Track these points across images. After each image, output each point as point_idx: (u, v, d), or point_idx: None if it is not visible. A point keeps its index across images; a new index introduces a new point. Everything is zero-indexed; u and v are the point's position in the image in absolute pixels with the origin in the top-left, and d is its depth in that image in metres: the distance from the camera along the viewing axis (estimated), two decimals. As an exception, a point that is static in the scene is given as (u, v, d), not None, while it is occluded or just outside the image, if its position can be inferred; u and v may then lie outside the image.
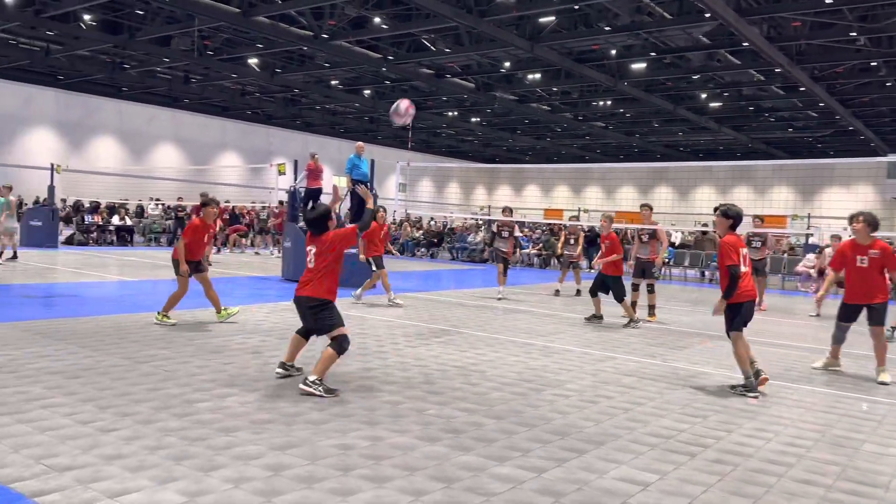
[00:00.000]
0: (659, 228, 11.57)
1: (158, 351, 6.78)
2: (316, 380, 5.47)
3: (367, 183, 14.37)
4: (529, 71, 25.77)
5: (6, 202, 15.36)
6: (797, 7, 17.07)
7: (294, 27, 21.09)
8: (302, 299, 5.72)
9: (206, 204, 8.94)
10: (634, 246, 11.69)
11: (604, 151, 46.20)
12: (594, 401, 5.75)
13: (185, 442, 4.23)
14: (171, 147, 36.75)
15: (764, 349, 8.80)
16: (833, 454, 4.69)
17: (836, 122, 31.16)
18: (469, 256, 25.57)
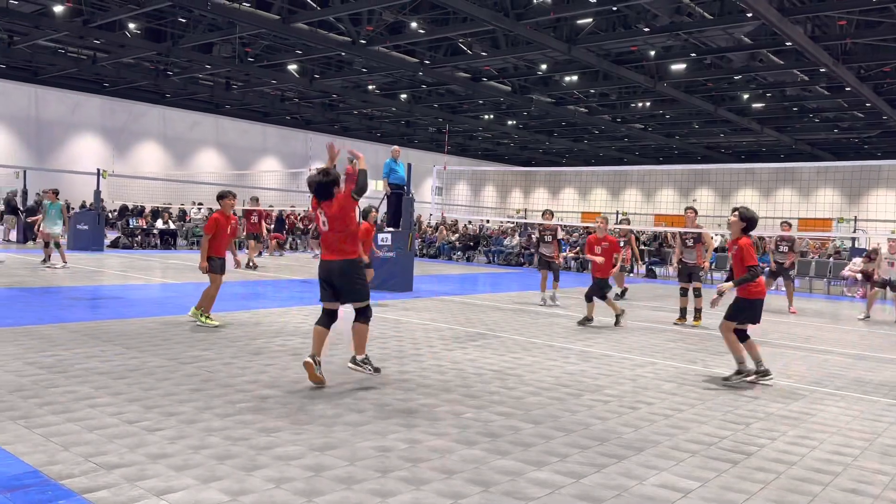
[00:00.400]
0: (704, 232, 11.34)
1: (201, 352, 6.91)
2: (364, 358, 5.70)
3: (405, 186, 14.46)
4: (566, 73, 25.66)
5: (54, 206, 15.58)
6: (843, 6, 16.69)
7: (332, 33, 21.36)
8: (332, 263, 5.64)
9: (223, 196, 8.84)
10: (677, 250, 11.49)
11: (643, 153, 45.70)
12: (634, 406, 5.69)
13: (228, 442, 4.31)
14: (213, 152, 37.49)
15: (810, 355, 8.60)
16: (881, 463, 4.56)
17: (884, 123, 30.32)
18: (505, 260, 25.51)
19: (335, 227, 5.66)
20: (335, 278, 5.66)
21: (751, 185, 44.46)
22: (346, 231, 5.65)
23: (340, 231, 5.64)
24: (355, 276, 5.63)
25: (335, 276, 5.66)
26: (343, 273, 5.62)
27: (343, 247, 5.63)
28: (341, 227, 5.65)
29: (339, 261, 5.61)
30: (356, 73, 26.91)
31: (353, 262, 5.63)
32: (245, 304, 10.72)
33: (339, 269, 5.64)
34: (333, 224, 5.66)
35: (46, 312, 8.95)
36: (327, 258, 5.69)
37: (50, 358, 6.32)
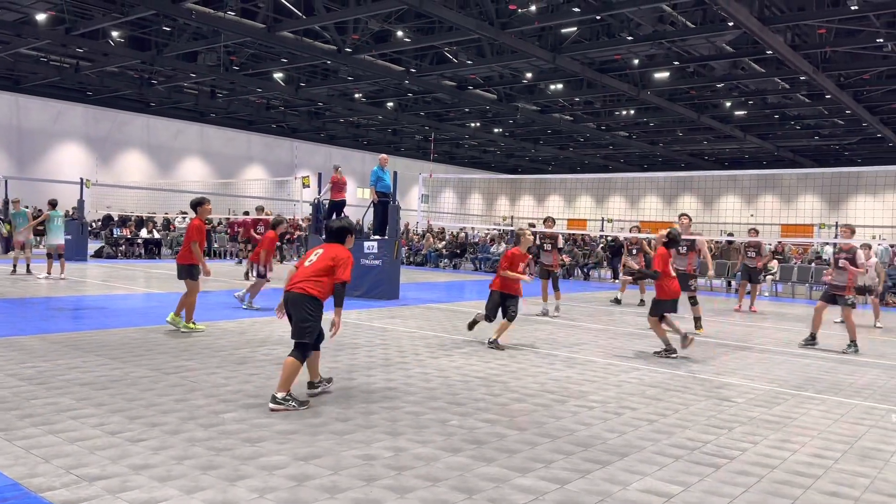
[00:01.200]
0: (699, 240, 11.33)
1: (185, 362, 6.88)
2: (286, 396, 5.34)
3: (391, 194, 14.47)
4: (551, 81, 25.82)
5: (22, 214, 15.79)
6: (822, 14, 16.92)
7: (318, 42, 21.37)
8: (290, 294, 5.51)
9: (200, 203, 8.87)
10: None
11: (627, 161, 46.01)
12: (618, 412, 5.72)
13: (212, 452, 4.29)
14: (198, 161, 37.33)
15: (791, 359, 8.68)
16: (861, 466, 4.62)
17: (864, 130, 30.73)
18: (492, 267, 25.54)
19: (319, 266, 5.56)
20: (293, 308, 5.51)
21: (734, 191, 44.88)
22: (323, 273, 5.52)
23: (320, 271, 5.53)
24: (308, 314, 5.44)
25: (294, 304, 5.50)
26: (299, 305, 5.46)
27: (315, 285, 5.48)
28: (322, 267, 5.54)
29: (303, 293, 5.47)
30: (342, 82, 26.93)
31: (313, 299, 5.47)
32: (229, 314, 10.67)
33: (298, 301, 5.47)
34: (320, 264, 5.57)
35: (28, 323, 8.87)
36: (293, 289, 5.52)
37: (31, 369, 6.26)
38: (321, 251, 5.69)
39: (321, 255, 5.63)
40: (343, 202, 15.75)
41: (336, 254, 5.58)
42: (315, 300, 5.44)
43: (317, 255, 5.67)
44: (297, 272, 5.62)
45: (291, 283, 5.54)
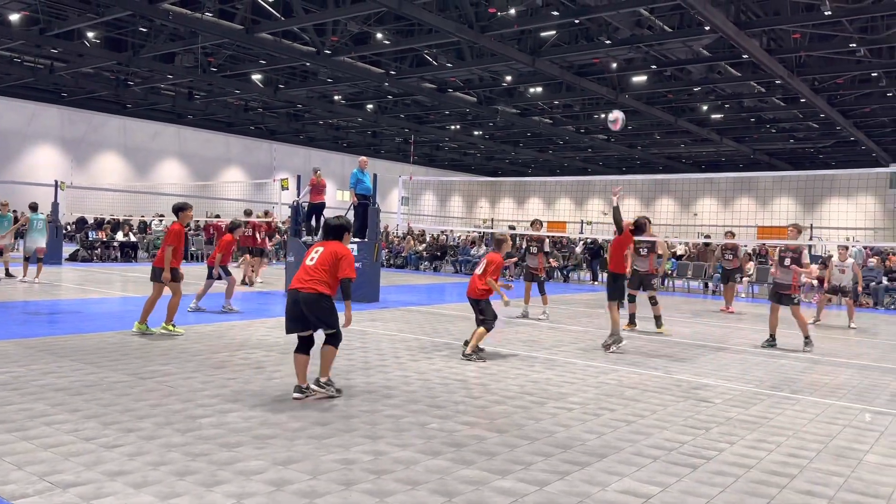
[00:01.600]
0: (658, 241, 11.56)
1: (161, 367, 6.80)
2: (327, 381, 5.85)
3: (371, 197, 14.44)
4: (531, 84, 25.93)
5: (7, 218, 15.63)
6: (797, 19, 17.17)
7: (297, 43, 21.27)
8: (301, 294, 5.72)
9: (183, 208, 8.93)
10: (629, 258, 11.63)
11: (606, 164, 46.32)
12: (597, 413, 5.75)
13: (188, 457, 4.25)
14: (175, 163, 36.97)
15: (767, 360, 8.78)
16: (836, 465, 4.68)
17: (838, 133, 31.21)
18: (472, 269, 25.57)
19: (321, 265, 5.79)
20: (302, 308, 5.74)
21: (711, 194, 45.36)
22: (327, 271, 5.78)
23: (322, 269, 5.77)
24: (323, 307, 5.76)
25: (301, 304, 5.73)
26: (310, 304, 5.73)
27: (319, 283, 5.75)
28: (325, 266, 5.78)
29: (309, 292, 5.72)
30: (321, 84, 26.82)
31: (323, 295, 5.76)
32: (207, 317, 10.58)
33: (305, 300, 5.72)
34: (321, 262, 5.80)
35: (1, 328, 8.72)
36: (297, 287, 5.76)
37: (4, 375, 6.15)
38: (321, 249, 5.91)
39: (322, 253, 5.86)
40: (322, 205, 15.68)
41: (337, 251, 5.84)
42: (326, 297, 5.79)
43: (317, 252, 5.90)
44: (301, 271, 5.87)
45: (299, 283, 5.78)
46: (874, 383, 7.60)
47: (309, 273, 5.78)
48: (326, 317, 5.78)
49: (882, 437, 5.41)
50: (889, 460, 4.84)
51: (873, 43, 18.26)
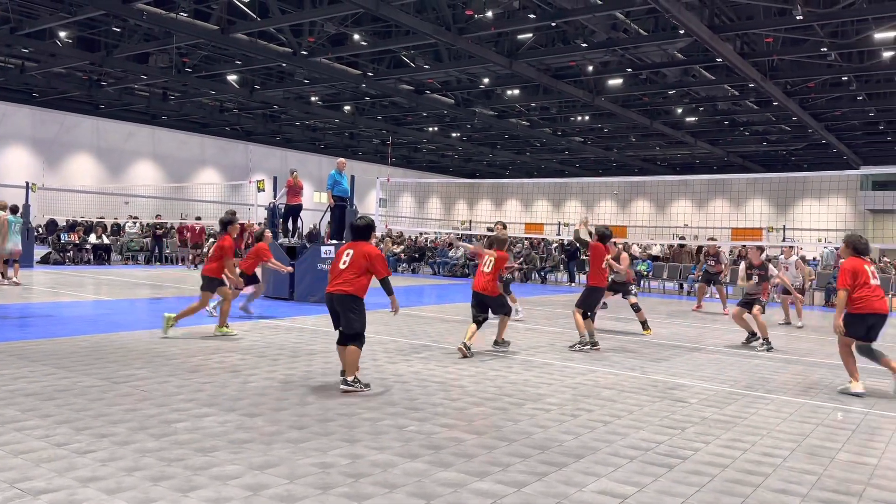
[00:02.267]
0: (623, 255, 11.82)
1: (135, 371, 6.71)
2: (353, 380, 6.19)
3: (348, 198, 14.38)
4: (508, 87, 26.02)
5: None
6: (769, 24, 17.44)
7: (273, 44, 21.14)
8: (335, 295, 6.22)
9: (231, 222, 9.49)
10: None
11: (583, 166, 46.64)
12: (574, 414, 5.78)
13: (163, 463, 4.19)
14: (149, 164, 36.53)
15: (742, 360, 8.89)
16: (809, 463, 4.75)
17: (810, 136, 31.74)
18: (450, 271, 25.60)
19: (354, 268, 6.24)
20: (337, 308, 6.25)
21: (685, 196, 45.86)
22: (359, 273, 6.25)
23: (355, 271, 6.24)
24: (354, 310, 6.22)
25: (336, 305, 6.25)
26: (344, 305, 6.22)
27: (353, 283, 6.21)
28: (357, 268, 6.24)
29: (342, 294, 6.22)
30: (298, 85, 26.68)
31: (355, 298, 6.24)
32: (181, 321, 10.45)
33: (340, 301, 6.22)
34: (354, 265, 6.24)
35: (-31, 332, 8.54)
36: (333, 290, 6.25)
37: (-28, 380, 6.02)
38: (351, 251, 6.32)
39: (353, 255, 6.28)
40: (299, 206, 15.59)
41: (367, 252, 6.28)
42: (357, 298, 6.22)
43: (348, 255, 6.31)
44: (334, 274, 6.31)
45: (333, 285, 6.26)
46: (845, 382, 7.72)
47: (341, 276, 6.23)
48: (351, 320, 6.17)
49: (853, 435, 5.50)
50: (860, 458, 4.92)
51: (844, 48, 18.61)
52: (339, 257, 6.38)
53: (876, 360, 7.21)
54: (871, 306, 7.03)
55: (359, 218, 6.66)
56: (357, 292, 6.21)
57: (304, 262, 14.00)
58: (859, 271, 7.13)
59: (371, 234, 6.55)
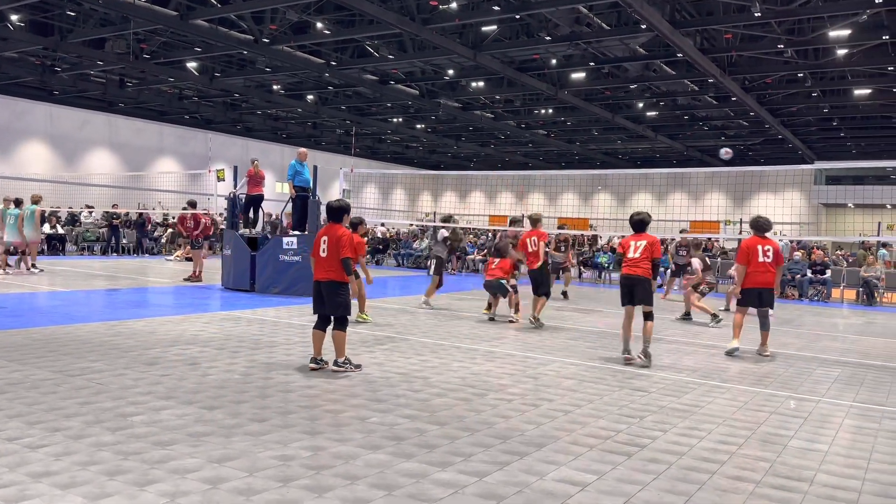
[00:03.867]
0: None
1: (91, 364, 6.56)
2: (344, 361, 6.66)
3: (310, 189, 14.24)
4: (473, 79, 25.99)
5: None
6: (728, 20, 17.72)
7: (234, 31, 20.76)
8: (322, 283, 6.65)
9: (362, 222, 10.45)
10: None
11: (546, 159, 46.94)
12: (535, 404, 5.83)
13: (119, 457, 4.11)
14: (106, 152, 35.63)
15: (698, 350, 9.07)
16: (763, 451, 4.87)
17: (766, 131, 32.42)
18: (415, 263, 25.56)
19: (332, 255, 6.61)
20: (324, 295, 6.66)
21: (646, 189, 46.51)
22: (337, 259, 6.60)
23: (334, 258, 6.60)
24: (339, 295, 6.65)
25: (324, 292, 6.66)
26: (330, 291, 6.63)
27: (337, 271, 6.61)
28: (334, 255, 6.60)
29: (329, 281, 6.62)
30: (259, 73, 26.24)
31: (341, 284, 6.66)
32: (137, 312, 10.26)
33: (328, 288, 6.63)
34: (331, 252, 6.61)
35: (-85, 325, 8.25)
36: (321, 278, 6.66)
37: (-82, 374, 5.82)
38: (326, 238, 6.66)
39: (328, 242, 6.63)
40: (260, 197, 15.39)
41: (339, 236, 6.59)
42: (343, 284, 6.65)
43: (325, 241, 6.67)
44: (318, 262, 6.72)
45: (318, 274, 6.68)
46: (799, 372, 7.95)
47: (326, 264, 6.62)
48: (337, 304, 6.60)
49: (805, 423, 5.66)
50: (812, 445, 5.07)
51: (800, 45, 19.01)
52: (318, 244, 6.71)
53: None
54: (756, 280, 8.59)
55: (335, 200, 6.96)
56: (341, 278, 6.59)
57: (265, 253, 13.83)
58: (752, 250, 8.63)
59: (344, 216, 6.80)
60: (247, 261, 13.94)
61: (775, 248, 8.72)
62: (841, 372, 8.05)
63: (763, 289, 8.66)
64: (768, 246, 8.71)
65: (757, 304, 8.76)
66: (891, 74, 21.95)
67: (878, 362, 8.87)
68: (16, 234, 15.79)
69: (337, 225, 6.73)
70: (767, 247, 8.70)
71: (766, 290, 8.69)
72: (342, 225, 6.76)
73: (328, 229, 6.73)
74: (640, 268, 7.86)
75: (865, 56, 20.12)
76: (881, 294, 18.48)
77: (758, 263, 8.60)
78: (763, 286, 8.65)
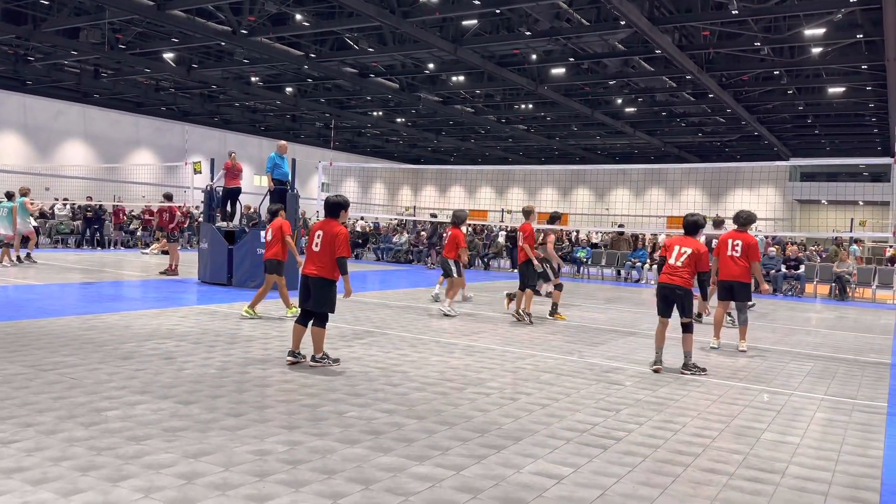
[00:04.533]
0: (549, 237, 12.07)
1: (64, 358, 6.47)
2: (321, 356, 6.70)
3: (289, 182, 14.14)
4: (453, 73, 25.96)
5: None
6: (706, 17, 17.87)
7: (212, 22, 20.53)
8: (306, 277, 6.63)
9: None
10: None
11: (526, 153, 47.04)
12: (513, 398, 5.86)
13: (93, 452, 4.07)
14: (81, 144, 35.10)
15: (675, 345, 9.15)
16: (736, 443, 4.94)
17: (743, 128, 32.76)
18: (394, 257, 25.52)
19: (324, 250, 6.60)
20: (311, 290, 6.62)
21: (624, 184, 46.82)
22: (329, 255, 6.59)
23: (326, 254, 6.59)
24: (324, 292, 6.61)
25: (311, 287, 6.63)
26: (317, 287, 6.61)
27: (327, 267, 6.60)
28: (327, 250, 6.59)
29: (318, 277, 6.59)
30: (238, 64, 25.99)
31: (329, 281, 6.62)
32: (112, 306, 10.14)
33: (315, 284, 6.60)
34: (324, 247, 6.60)
35: None
36: (310, 273, 6.62)
37: None
38: (321, 233, 6.63)
39: (322, 237, 6.61)
40: (238, 189, 15.26)
41: (334, 233, 6.57)
42: (331, 282, 6.61)
43: (319, 236, 6.65)
44: (310, 256, 6.68)
45: (309, 268, 6.64)
46: (772, 366, 8.07)
47: (317, 260, 6.59)
48: (322, 301, 6.60)
49: (778, 416, 5.74)
50: (784, 437, 5.15)
51: (776, 42, 19.23)
52: (312, 238, 6.70)
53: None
54: (725, 273, 8.83)
55: (333, 195, 6.96)
56: (331, 275, 6.59)
57: (242, 246, 13.72)
58: (722, 243, 8.91)
59: (341, 213, 6.80)
60: (224, 254, 13.82)
61: (746, 243, 8.81)
62: (813, 366, 8.18)
63: (734, 282, 8.83)
64: (738, 240, 8.85)
65: (729, 297, 8.97)
66: (864, 73, 22.28)
67: (850, 356, 9.03)
68: (9, 227, 15.93)
69: (334, 221, 6.73)
70: (737, 241, 8.85)
71: (736, 284, 8.84)
72: (339, 221, 6.76)
73: (325, 224, 6.71)
74: (680, 277, 7.28)
75: (840, 54, 20.41)
76: (853, 289, 18.80)
77: (726, 257, 8.86)
78: (732, 279, 8.82)
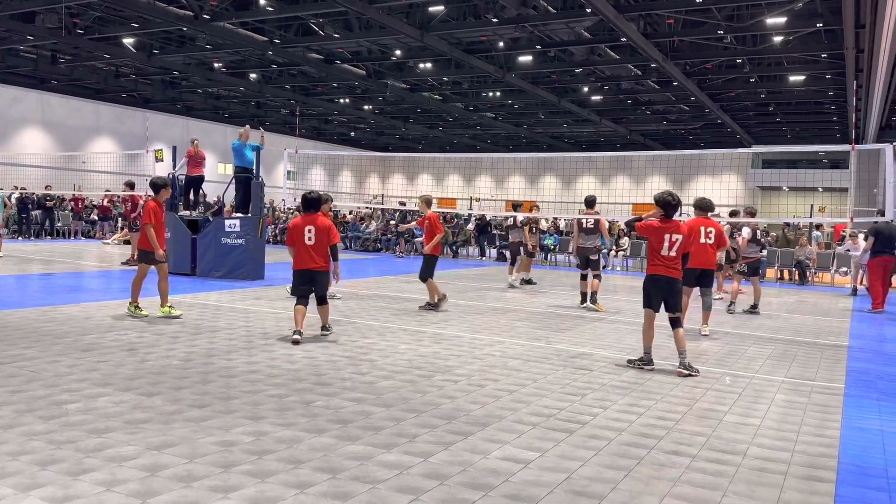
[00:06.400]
0: (601, 220, 11.43)
1: (23, 350, 6.32)
2: (327, 326, 7.64)
3: (252, 171, 13.95)
4: (420, 60, 25.81)
5: None
6: (671, 5, 18.03)
7: (172, 6, 20.10)
8: (311, 271, 7.36)
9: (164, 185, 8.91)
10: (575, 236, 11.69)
11: (494, 141, 47.09)
12: (481, 384, 5.89)
13: (52, 446, 3.98)
14: (38, 132, 34.18)
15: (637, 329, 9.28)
16: (699, 426, 5.03)
17: (706, 116, 33.21)
18: (363, 246, 25.41)
19: (319, 243, 7.32)
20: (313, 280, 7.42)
21: (590, 172, 47.21)
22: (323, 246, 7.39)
23: (320, 246, 7.35)
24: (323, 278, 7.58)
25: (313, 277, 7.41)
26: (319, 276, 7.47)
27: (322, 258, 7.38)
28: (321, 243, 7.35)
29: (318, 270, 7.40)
30: (200, 50, 25.49)
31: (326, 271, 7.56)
32: (72, 297, 9.92)
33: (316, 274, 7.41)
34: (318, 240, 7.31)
35: None
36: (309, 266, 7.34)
37: None
38: (313, 228, 7.29)
39: (315, 232, 7.30)
40: (201, 178, 15.02)
41: (326, 225, 7.36)
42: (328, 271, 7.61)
43: (310, 231, 7.29)
44: (305, 250, 7.30)
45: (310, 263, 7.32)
46: (733, 349, 8.23)
47: (314, 255, 7.30)
48: (325, 286, 7.70)
49: (740, 399, 5.86)
50: (746, 419, 5.25)
51: (739, 31, 19.49)
52: (302, 232, 7.27)
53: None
54: (697, 261, 8.55)
55: (308, 192, 7.54)
56: (329, 264, 7.50)
57: (206, 236, 13.52)
58: (695, 230, 8.73)
59: (320, 205, 7.56)
60: (187, 244, 13.61)
61: (718, 230, 8.94)
62: (774, 349, 8.37)
63: (704, 269, 8.86)
64: (711, 227, 8.92)
65: (695, 283, 8.94)
66: (823, 61, 22.72)
67: (809, 339, 9.25)
68: None
69: (316, 214, 7.41)
70: (710, 228, 8.90)
71: (706, 271, 8.91)
72: (320, 214, 7.47)
73: (310, 219, 7.33)
74: (678, 270, 6.86)
75: (800, 43, 20.77)
76: (812, 274, 19.24)
77: (699, 244, 8.71)
78: (704, 267, 8.84)
